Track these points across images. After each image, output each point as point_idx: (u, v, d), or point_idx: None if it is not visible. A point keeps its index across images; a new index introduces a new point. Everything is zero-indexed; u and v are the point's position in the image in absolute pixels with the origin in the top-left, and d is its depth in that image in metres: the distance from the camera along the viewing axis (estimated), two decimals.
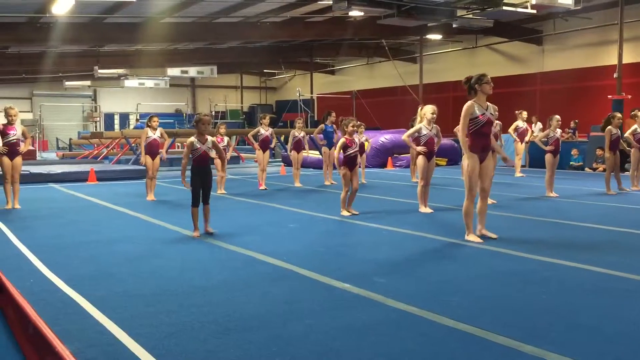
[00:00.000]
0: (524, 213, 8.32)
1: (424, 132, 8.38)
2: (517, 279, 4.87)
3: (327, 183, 12.55)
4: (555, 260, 5.45)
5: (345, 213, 8.21)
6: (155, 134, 10.06)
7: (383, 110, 26.49)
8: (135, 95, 32.23)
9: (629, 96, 16.10)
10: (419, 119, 8.72)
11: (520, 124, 13.81)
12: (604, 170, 15.84)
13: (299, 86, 28.23)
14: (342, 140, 8.25)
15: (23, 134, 9.06)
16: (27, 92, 32.11)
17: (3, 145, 8.88)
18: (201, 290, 4.57)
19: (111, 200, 10.05)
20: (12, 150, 8.93)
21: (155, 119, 10.25)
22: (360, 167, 12.68)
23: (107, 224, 7.79)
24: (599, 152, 16.11)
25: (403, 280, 4.88)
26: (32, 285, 4.71)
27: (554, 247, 6.06)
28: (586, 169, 15.88)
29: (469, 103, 6.24)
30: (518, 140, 13.89)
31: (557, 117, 10.18)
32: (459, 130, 6.36)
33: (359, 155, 8.48)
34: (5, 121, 8.96)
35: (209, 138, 6.84)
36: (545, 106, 19.91)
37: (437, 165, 14.54)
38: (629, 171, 11.34)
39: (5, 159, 8.90)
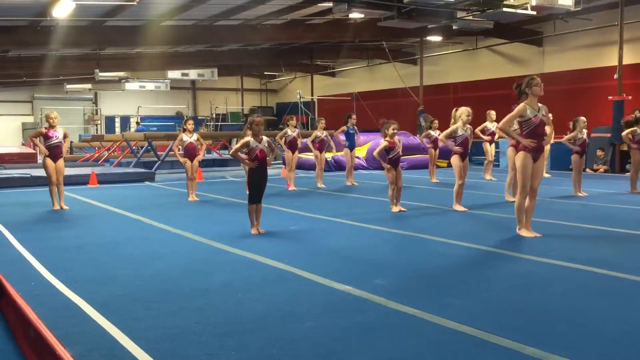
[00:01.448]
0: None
1: (460, 132, 8.64)
2: (519, 280, 4.86)
3: (348, 184, 12.57)
4: (557, 261, 5.45)
5: (395, 209, 8.64)
6: (191, 138, 10.33)
7: (384, 112, 26.23)
8: (136, 98, 32.21)
9: (630, 97, 16.09)
10: (452, 120, 8.89)
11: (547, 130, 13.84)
12: (605, 171, 15.91)
13: (299, 88, 28.23)
14: (384, 143, 8.59)
15: (64, 135, 9.43)
16: (28, 96, 32.12)
17: (46, 148, 9.21)
18: (202, 292, 4.56)
19: (112, 203, 10.06)
20: (54, 153, 9.28)
21: (191, 122, 10.62)
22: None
23: (108, 227, 7.79)
24: (599, 153, 16.11)
25: (404, 282, 4.87)
26: (33, 288, 4.71)
27: (555, 248, 6.05)
28: (587, 169, 15.87)
29: (521, 104, 6.41)
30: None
31: (583, 118, 10.49)
32: (502, 122, 6.60)
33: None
34: (47, 125, 9.32)
35: (264, 138, 7.01)
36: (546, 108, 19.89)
37: (438, 166, 14.56)
38: (629, 172, 11.35)
39: (49, 162, 9.25)
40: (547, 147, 14.19)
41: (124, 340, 3.54)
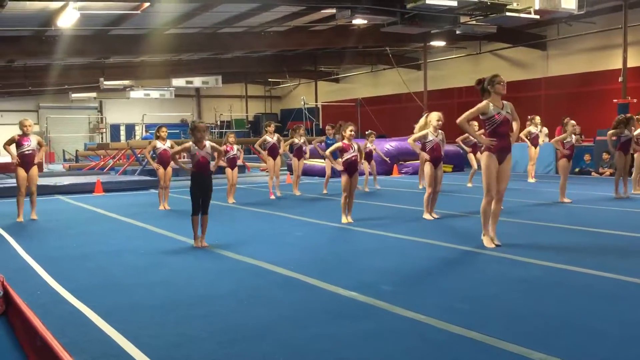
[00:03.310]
0: (533, 219, 8.29)
1: (430, 137, 8.37)
2: (525, 285, 4.84)
3: (325, 192, 12.52)
4: (564, 266, 5.43)
5: (345, 220, 8.24)
6: (165, 145, 10.24)
7: (388, 118, 26.49)
8: (140, 106, 32.34)
9: (635, 100, 16.05)
10: (420, 125, 8.68)
11: (532, 129, 13.82)
12: (611, 174, 15.85)
13: (303, 95, 28.28)
14: (338, 143, 8.30)
15: (38, 144, 9.15)
16: (33, 105, 32.28)
17: (18, 156, 8.94)
18: (208, 300, 4.56)
19: (117, 211, 10.08)
20: (27, 161, 8.99)
21: (164, 129, 10.44)
22: (371, 173, 12.65)
23: (114, 235, 7.80)
24: (605, 156, 16.04)
25: (410, 288, 4.86)
26: (39, 297, 4.72)
27: (562, 252, 6.03)
28: (593, 173, 15.81)
29: (484, 101, 6.22)
30: (531, 145, 13.85)
31: (573, 122, 10.09)
32: (460, 118, 6.28)
33: (362, 162, 8.44)
34: (20, 132, 9.05)
35: (207, 143, 6.70)
36: (550, 111, 19.87)
37: (443, 171, 14.51)
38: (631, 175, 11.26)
39: (21, 171, 8.96)
40: (536, 152, 14.08)
41: (129, 348, 3.54)
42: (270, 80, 34.30)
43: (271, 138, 11.66)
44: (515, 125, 6.54)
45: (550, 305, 4.26)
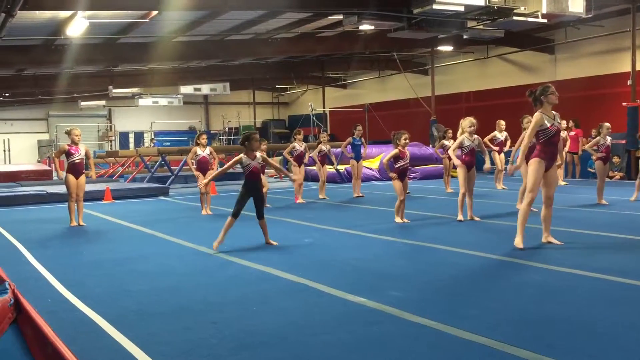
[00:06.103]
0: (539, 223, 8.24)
1: (466, 143, 8.69)
2: (534, 289, 4.82)
3: (355, 195, 12.57)
4: (573, 270, 5.40)
5: (399, 220, 8.65)
6: (204, 152, 10.42)
7: (396, 123, 26.31)
8: (149, 114, 32.47)
9: None
10: (460, 130, 8.97)
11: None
12: (621, 178, 15.76)
13: (311, 101, 28.28)
14: (395, 150, 8.63)
15: (86, 154, 9.54)
16: (43, 113, 32.51)
17: (68, 164, 9.31)
18: (217, 306, 4.57)
19: (127, 218, 10.12)
20: (77, 169, 9.38)
21: (204, 136, 10.68)
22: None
23: (123, 242, 7.83)
24: (615, 159, 15.95)
25: (419, 293, 4.85)
26: (49, 304, 4.74)
27: (571, 256, 6.00)
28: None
29: (537, 114, 6.36)
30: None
31: (607, 124, 10.44)
32: (524, 139, 6.55)
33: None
34: (69, 141, 9.43)
35: (258, 154, 7.06)
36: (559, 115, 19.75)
37: (452, 176, 14.49)
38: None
39: (71, 177, 9.33)
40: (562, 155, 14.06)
41: (139, 355, 3.55)
42: (277, 86, 34.36)
43: (300, 146, 11.89)
44: (563, 135, 6.76)
45: (560, 310, 4.24)
